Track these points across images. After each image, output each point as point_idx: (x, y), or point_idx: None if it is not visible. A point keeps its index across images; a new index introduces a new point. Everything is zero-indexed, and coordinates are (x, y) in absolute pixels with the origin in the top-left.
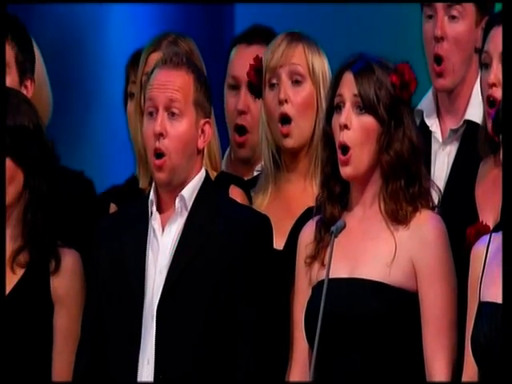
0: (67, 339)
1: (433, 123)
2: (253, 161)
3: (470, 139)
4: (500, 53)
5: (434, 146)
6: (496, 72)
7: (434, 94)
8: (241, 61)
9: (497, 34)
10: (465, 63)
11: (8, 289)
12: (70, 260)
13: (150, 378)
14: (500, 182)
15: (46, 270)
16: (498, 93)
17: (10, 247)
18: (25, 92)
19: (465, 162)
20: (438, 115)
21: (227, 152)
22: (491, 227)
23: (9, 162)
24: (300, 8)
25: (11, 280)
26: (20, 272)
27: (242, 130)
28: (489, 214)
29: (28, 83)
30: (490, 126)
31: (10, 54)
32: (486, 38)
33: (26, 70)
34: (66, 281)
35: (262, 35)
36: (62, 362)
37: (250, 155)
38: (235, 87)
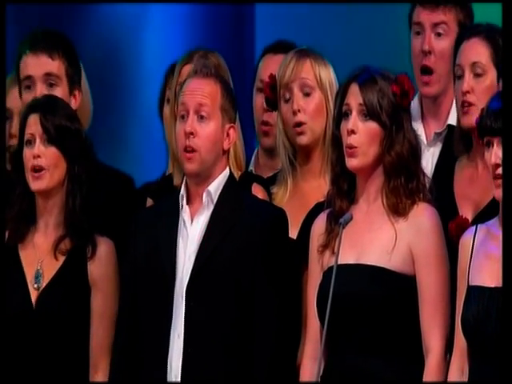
0: (102, 318)
1: (418, 127)
2: (275, 154)
3: (452, 141)
4: (470, 64)
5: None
6: (468, 81)
7: (420, 100)
8: (267, 67)
9: (466, 48)
10: (448, 74)
11: (51, 274)
12: (104, 247)
13: (180, 351)
14: (475, 178)
15: (83, 257)
16: (471, 98)
17: (52, 235)
18: (73, 101)
19: (447, 161)
20: (423, 120)
21: (254, 156)
22: (470, 220)
23: (54, 151)
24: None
25: (54, 266)
26: (61, 259)
27: (266, 123)
28: (467, 208)
29: (76, 93)
30: (464, 123)
31: (61, 68)
32: (457, 52)
33: (74, 82)
34: (101, 266)
35: (284, 47)
36: (98, 338)
37: (274, 144)
38: (262, 89)
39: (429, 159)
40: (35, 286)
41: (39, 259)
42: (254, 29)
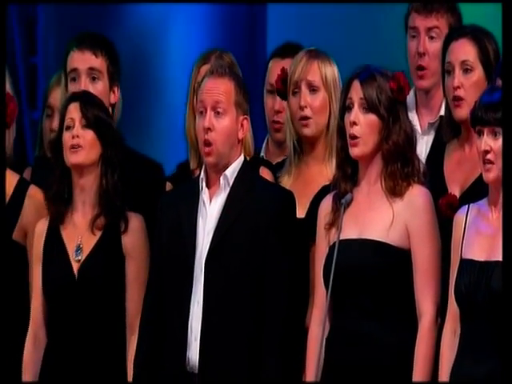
0: (135, 283)
1: (413, 117)
2: (284, 146)
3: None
4: (460, 61)
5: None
6: (458, 77)
7: (415, 94)
8: (275, 72)
9: (455, 47)
10: (440, 72)
11: (90, 247)
12: (135, 221)
13: (200, 316)
14: (463, 161)
15: (117, 231)
16: (461, 92)
17: (89, 213)
18: (112, 96)
19: (439, 148)
20: (417, 111)
21: (264, 144)
22: (458, 197)
23: (91, 134)
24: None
25: (92, 240)
26: (98, 233)
27: (277, 122)
28: (455, 186)
29: (115, 89)
30: (455, 115)
31: (103, 65)
32: (446, 51)
33: (114, 79)
34: (133, 238)
35: (291, 51)
36: (133, 301)
37: (283, 138)
38: (272, 92)
39: (423, 146)
40: (76, 258)
41: (79, 235)
42: (266, 28)
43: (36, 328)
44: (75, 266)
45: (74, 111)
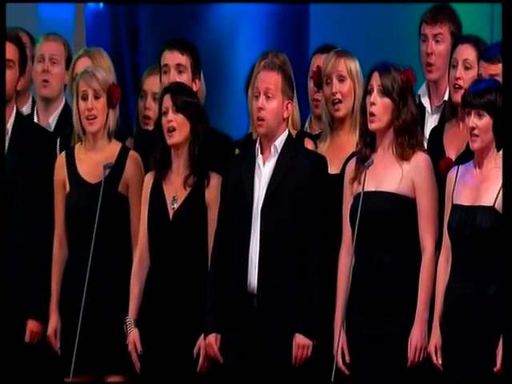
0: (213, 226)
1: (425, 102)
2: (321, 119)
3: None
4: (463, 60)
5: (426, 116)
6: (460, 71)
7: (427, 85)
8: (316, 63)
9: (461, 49)
10: (444, 67)
11: (182, 199)
12: (215, 179)
13: (257, 251)
14: (458, 133)
15: (202, 187)
16: (461, 82)
17: (182, 174)
18: (194, 86)
19: (442, 125)
20: (429, 97)
21: (308, 120)
22: (453, 159)
23: (182, 117)
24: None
25: (184, 194)
26: (188, 189)
27: (316, 100)
28: (452, 152)
29: (196, 81)
30: (454, 99)
31: (187, 62)
32: (454, 50)
33: (196, 73)
34: (213, 192)
35: (327, 49)
36: (212, 238)
37: (321, 113)
38: (313, 77)
39: (432, 123)
40: (172, 206)
41: (174, 189)
42: (309, 27)
43: (142, 250)
44: (171, 212)
45: (167, 101)
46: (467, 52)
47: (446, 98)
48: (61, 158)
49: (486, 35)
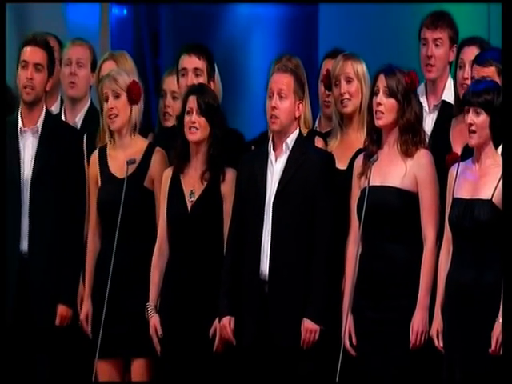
0: (228, 218)
1: (423, 101)
2: (331, 119)
3: (443, 110)
4: (470, 61)
5: (424, 115)
6: (468, 71)
7: (425, 84)
8: (326, 67)
9: (467, 50)
10: (443, 68)
11: (199, 192)
12: (230, 174)
13: (269, 241)
14: (463, 129)
15: (218, 181)
16: (468, 82)
17: (200, 169)
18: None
19: (440, 123)
20: (427, 96)
21: (317, 119)
22: (459, 154)
23: (203, 119)
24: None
25: (201, 187)
26: (205, 183)
27: (326, 101)
28: (458, 147)
29: (211, 83)
30: (461, 97)
31: (204, 65)
32: (460, 52)
33: (211, 75)
34: (228, 186)
35: (336, 53)
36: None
37: (331, 113)
38: (323, 80)
39: (429, 121)
40: (190, 200)
41: (193, 183)
42: (318, 31)
43: (161, 241)
44: (189, 205)
45: (192, 102)
46: (473, 53)
47: (443, 97)
48: (94, 156)
49: (482, 35)
